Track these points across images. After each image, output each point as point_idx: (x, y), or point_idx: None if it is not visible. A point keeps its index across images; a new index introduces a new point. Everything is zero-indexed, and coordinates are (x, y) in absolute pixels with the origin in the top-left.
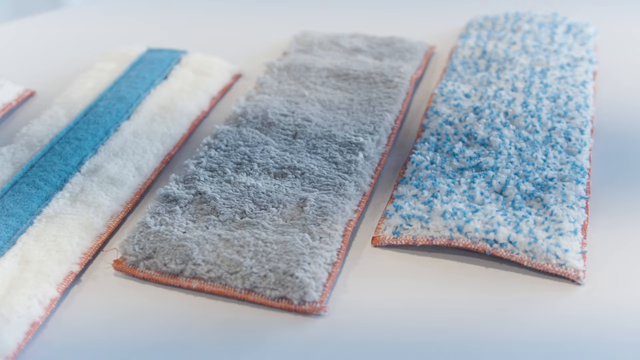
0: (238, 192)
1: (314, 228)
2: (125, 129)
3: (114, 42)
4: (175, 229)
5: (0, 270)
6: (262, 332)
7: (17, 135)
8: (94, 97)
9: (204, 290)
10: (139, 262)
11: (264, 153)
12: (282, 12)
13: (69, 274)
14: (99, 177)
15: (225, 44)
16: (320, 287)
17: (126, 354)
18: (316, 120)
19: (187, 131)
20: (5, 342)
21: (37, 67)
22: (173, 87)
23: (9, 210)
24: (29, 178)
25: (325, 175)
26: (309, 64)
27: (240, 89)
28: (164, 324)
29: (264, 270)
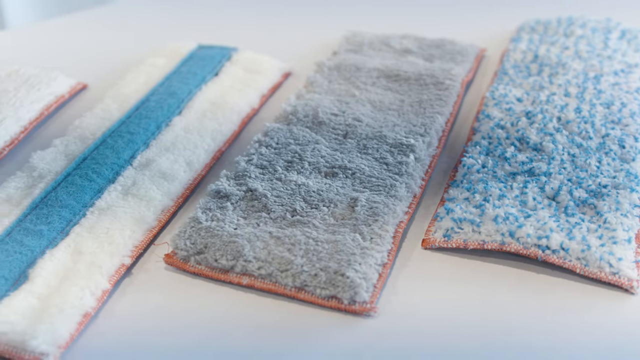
0: (289, 190)
1: (365, 228)
2: (177, 124)
3: (164, 37)
4: (227, 225)
5: (54, 261)
6: (311, 331)
7: (70, 128)
8: (146, 92)
9: (254, 287)
10: (190, 256)
11: (315, 152)
12: (331, 12)
13: (120, 266)
14: (150, 171)
15: (274, 42)
16: (370, 287)
17: (175, 348)
18: (367, 121)
19: (238, 128)
20: (58, 331)
21: (89, 61)
22: (224, 83)
23: (62, 202)
24: (82, 170)
25: (376, 176)
26: (360, 64)
27: (289, 88)
28: (213, 319)
29: (314, 269)
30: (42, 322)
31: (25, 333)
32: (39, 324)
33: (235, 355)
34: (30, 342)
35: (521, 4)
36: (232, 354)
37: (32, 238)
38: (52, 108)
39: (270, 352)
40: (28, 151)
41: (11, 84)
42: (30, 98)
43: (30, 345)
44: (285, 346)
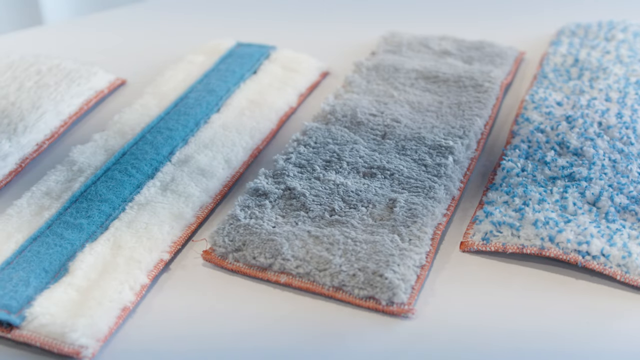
0: (327, 190)
1: (404, 230)
2: (215, 122)
3: (202, 34)
4: (265, 223)
5: (94, 255)
6: (348, 331)
7: (110, 123)
8: (185, 89)
9: (291, 286)
10: (228, 253)
11: (353, 152)
12: (369, 12)
13: (159, 261)
14: (189, 167)
15: (312, 41)
16: (408, 289)
17: (211, 344)
18: (405, 122)
19: (276, 126)
20: (98, 325)
21: (127, 57)
22: (262, 82)
23: (101, 196)
24: (122, 165)
25: (415, 177)
26: (398, 64)
27: (327, 87)
28: (250, 317)
29: (353, 269)
30: (81, 315)
31: (65, 325)
32: (79, 317)
33: (271, 354)
34: (70, 334)
35: (560, 7)
36: (267, 352)
37: (72, 231)
38: (92, 103)
39: (306, 352)
40: (68, 145)
41: (52, 78)
42: (71, 92)
43: (70, 337)
44: (322, 346)
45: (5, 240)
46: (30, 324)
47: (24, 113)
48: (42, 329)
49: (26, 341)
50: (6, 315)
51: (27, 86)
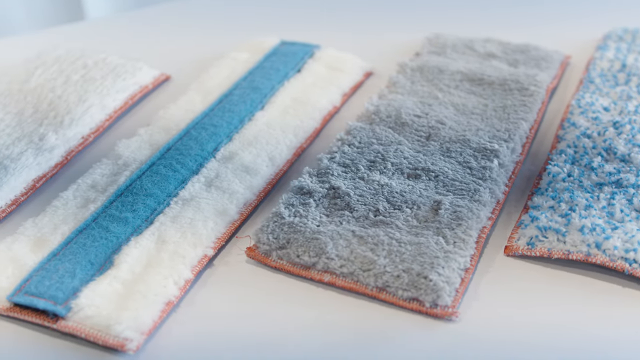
0: (372, 190)
1: (449, 232)
2: (259, 119)
3: (245, 32)
4: (309, 222)
5: (138, 249)
6: (391, 332)
7: (155, 118)
8: (229, 86)
9: (335, 285)
10: (271, 251)
11: (398, 153)
12: (411, 13)
13: (202, 257)
14: (233, 164)
15: (355, 40)
16: (453, 292)
17: (252, 341)
18: (450, 124)
19: (319, 125)
20: (142, 318)
21: (170, 53)
22: (306, 80)
23: (147, 191)
24: (166, 160)
25: (460, 180)
26: (443, 66)
27: (371, 87)
28: (292, 315)
29: (397, 270)
30: (126, 308)
31: (110, 318)
32: (124, 310)
33: (312, 353)
34: (115, 327)
35: (606, 12)
36: (308, 351)
37: (117, 225)
38: (137, 98)
39: (348, 352)
40: (112, 139)
41: (98, 72)
42: (116, 87)
43: (114, 330)
44: (364, 346)
45: (52, 232)
46: (75, 315)
47: (71, 106)
48: (88, 321)
49: (71, 332)
50: (52, 305)
51: (73, 80)
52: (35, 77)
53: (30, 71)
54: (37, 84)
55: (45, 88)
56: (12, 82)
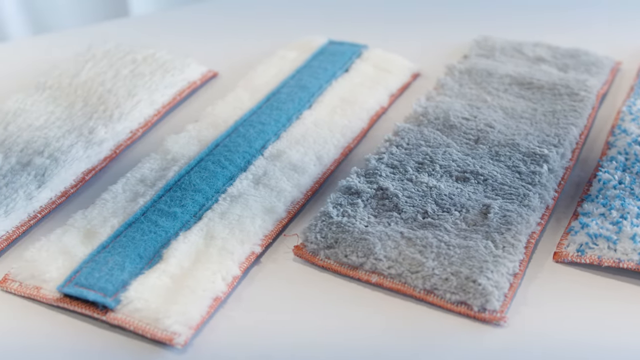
0: (420, 192)
1: (498, 236)
2: (307, 118)
3: (291, 30)
4: (358, 222)
5: (187, 244)
6: (438, 335)
7: (203, 114)
8: (277, 84)
9: (382, 286)
10: (319, 250)
11: (446, 155)
12: (459, 14)
13: (250, 254)
14: (281, 162)
15: (402, 41)
16: (501, 296)
17: (298, 339)
18: (499, 127)
19: (366, 125)
20: (190, 313)
21: (217, 50)
22: (354, 80)
23: (195, 186)
24: (215, 156)
25: (509, 184)
26: (491, 69)
27: (418, 88)
28: (339, 314)
29: (445, 273)
30: (175, 303)
31: (159, 311)
32: (173, 304)
33: (357, 353)
34: (163, 320)
35: None
36: (354, 351)
37: (166, 219)
38: (184, 94)
39: (393, 353)
40: (160, 134)
41: (147, 68)
42: (165, 82)
43: (163, 323)
44: (410, 348)
45: (101, 224)
46: (124, 308)
47: (120, 100)
48: (137, 314)
49: (120, 324)
50: (102, 297)
51: (123, 74)
52: (86, 71)
53: (81, 65)
54: (87, 78)
55: (95, 82)
56: (63, 76)
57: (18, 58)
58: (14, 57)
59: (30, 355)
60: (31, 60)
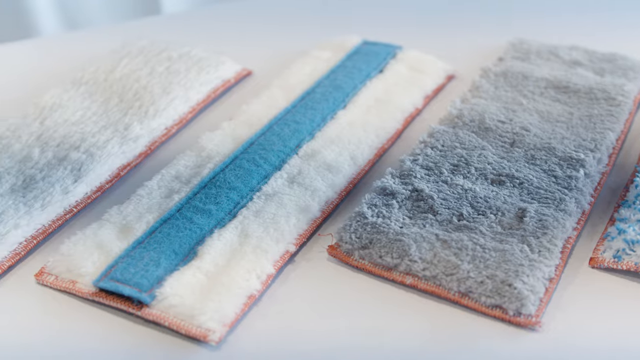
0: (455, 194)
1: (534, 240)
2: (341, 118)
3: (325, 30)
4: (392, 223)
5: (222, 241)
6: (472, 338)
7: (237, 112)
8: (311, 83)
9: (416, 288)
10: (354, 250)
11: (481, 158)
12: (493, 17)
13: (285, 252)
14: (315, 162)
15: (435, 43)
16: (537, 301)
17: (331, 339)
18: (535, 131)
19: (401, 126)
20: (225, 310)
21: (249, 49)
22: (388, 81)
23: (230, 184)
24: (249, 155)
25: (545, 188)
26: (527, 72)
27: (452, 90)
28: (372, 315)
29: (481, 276)
30: (210, 299)
31: (194, 308)
32: (208, 301)
33: (391, 354)
34: (198, 317)
35: None
36: (387, 352)
37: (201, 216)
38: (219, 91)
39: (426, 356)
40: (194, 132)
41: (182, 65)
42: (200, 80)
43: (198, 320)
44: (443, 350)
45: (136, 220)
46: (160, 304)
47: (155, 97)
48: (171, 310)
49: (155, 320)
50: (137, 293)
51: (158, 71)
52: (121, 67)
53: (116, 61)
54: (122, 74)
55: (131, 78)
56: (98, 72)
57: (51, 54)
58: (47, 53)
59: (65, 348)
60: (64, 57)
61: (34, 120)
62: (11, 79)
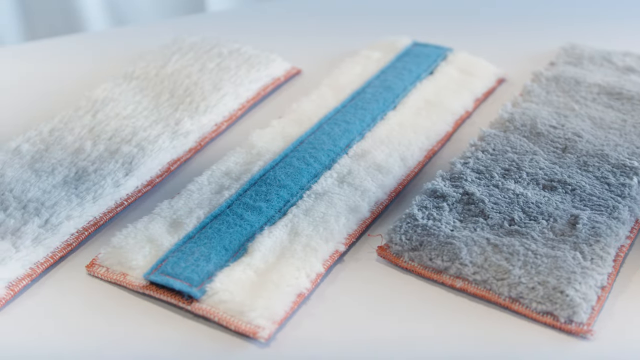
0: (506, 199)
1: (586, 248)
2: (391, 119)
3: (374, 30)
4: (443, 226)
5: (272, 238)
6: (522, 345)
7: (287, 110)
8: (361, 83)
9: (466, 292)
10: (403, 252)
11: (533, 163)
12: (544, 21)
13: (334, 252)
14: (365, 162)
15: (486, 45)
16: (589, 309)
17: (378, 340)
18: (587, 137)
19: (451, 129)
20: (275, 307)
21: (298, 47)
22: (439, 83)
23: (280, 182)
24: (299, 153)
25: (597, 195)
26: (579, 77)
27: (503, 94)
28: (421, 317)
29: (532, 282)
30: (260, 296)
31: (244, 304)
32: (257, 298)
33: (438, 358)
34: (248, 313)
35: None
36: (435, 355)
37: (251, 213)
38: (268, 89)
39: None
40: (243, 129)
41: (233, 62)
42: (250, 77)
43: (248, 316)
44: (491, 355)
45: (187, 215)
46: (210, 299)
47: (206, 93)
48: (221, 305)
49: (204, 315)
50: (188, 287)
51: (209, 67)
52: (172, 63)
53: (167, 57)
54: (173, 70)
55: (182, 74)
56: (149, 67)
57: (99, 49)
58: (96, 48)
59: (114, 339)
60: (112, 52)
61: (86, 113)
62: (62, 71)
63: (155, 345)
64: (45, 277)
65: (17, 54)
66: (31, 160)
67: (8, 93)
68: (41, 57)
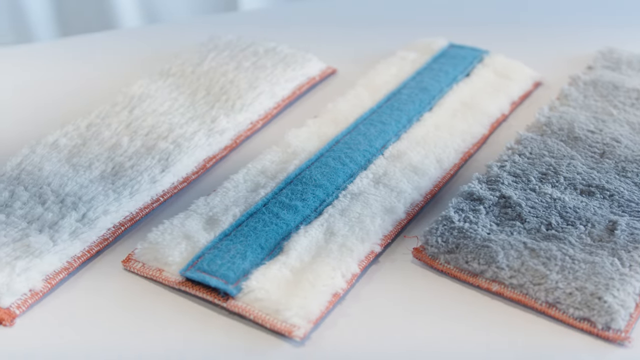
0: (544, 203)
1: (625, 254)
2: (427, 120)
3: (409, 31)
4: (480, 229)
5: (308, 238)
6: (558, 350)
7: (323, 110)
8: (397, 84)
9: (502, 295)
10: (439, 254)
11: (570, 167)
12: (582, 24)
13: (369, 252)
14: (401, 163)
15: (522, 48)
16: (627, 316)
17: (413, 340)
18: (626, 142)
19: (487, 132)
20: (310, 307)
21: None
22: (475, 85)
23: (316, 181)
24: (335, 153)
25: (636, 202)
26: (618, 82)
27: (539, 97)
28: (456, 320)
29: (570, 288)
30: (295, 295)
31: (280, 303)
32: (293, 297)
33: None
34: (284, 312)
35: None
36: (470, 357)
37: (287, 212)
38: (304, 89)
39: None
40: (279, 128)
41: (269, 61)
42: (286, 76)
43: (283, 315)
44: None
45: (223, 212)
46: (245, 296)
47: (242, 92)
48: (257, 303)
49: (240, 312)
50: (224, 284)
51: (244, 66)
52: (208, 61)
53: (203, 55)
54: (209, 68)
55: (218, 72)
56: (185, 64)
57: (133, 46)
58: (130, 45)
59: (149, 334)
60: (145, 49)
61: (123, 109)
62: (96, 68)
63: (190, 342)
64: (82, 271)
65: (52, 50)
66: (69, 155)
67: (44, 88)
68: (75, 54)
